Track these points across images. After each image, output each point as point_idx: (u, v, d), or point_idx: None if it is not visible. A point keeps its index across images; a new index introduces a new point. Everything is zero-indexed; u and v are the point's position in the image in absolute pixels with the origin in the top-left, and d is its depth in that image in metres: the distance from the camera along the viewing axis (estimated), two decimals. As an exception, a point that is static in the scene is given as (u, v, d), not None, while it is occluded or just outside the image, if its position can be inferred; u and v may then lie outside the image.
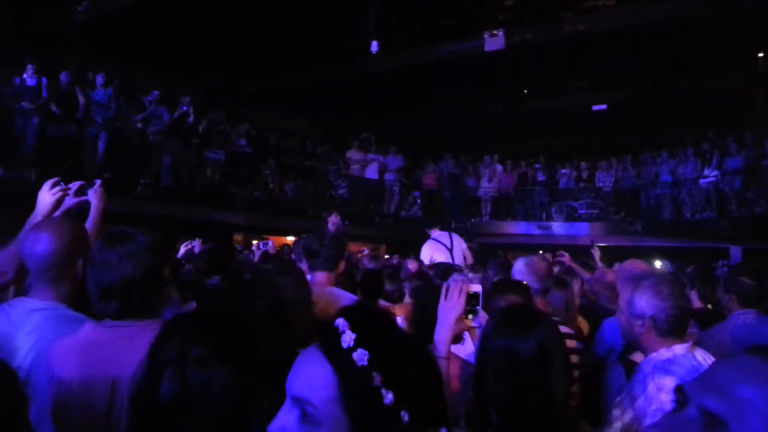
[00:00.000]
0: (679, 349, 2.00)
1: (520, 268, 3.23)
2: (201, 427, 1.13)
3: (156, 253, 1.78)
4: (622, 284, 3.26)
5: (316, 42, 12.76)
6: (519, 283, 2.80)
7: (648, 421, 1.87)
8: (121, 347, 1.66)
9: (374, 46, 12.15)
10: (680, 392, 0.85)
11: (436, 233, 6.72)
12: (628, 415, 1.93)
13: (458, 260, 6.44)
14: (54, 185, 2.39)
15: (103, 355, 1.64)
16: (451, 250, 6.46)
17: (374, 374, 0.86)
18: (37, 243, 1.93)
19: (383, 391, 0.86)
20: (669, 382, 1.88)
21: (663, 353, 1.99)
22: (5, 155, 9.24)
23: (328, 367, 0.89)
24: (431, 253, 6.43)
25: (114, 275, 1.70)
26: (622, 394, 2.06)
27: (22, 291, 2.28)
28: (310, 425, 0.89)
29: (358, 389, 0.87)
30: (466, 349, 2.44)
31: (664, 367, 1.94)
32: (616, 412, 2.00)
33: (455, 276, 4.24)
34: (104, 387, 1.60)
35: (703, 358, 2.01)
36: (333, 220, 6.79)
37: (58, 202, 2.38)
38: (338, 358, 0.89)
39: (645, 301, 2.02)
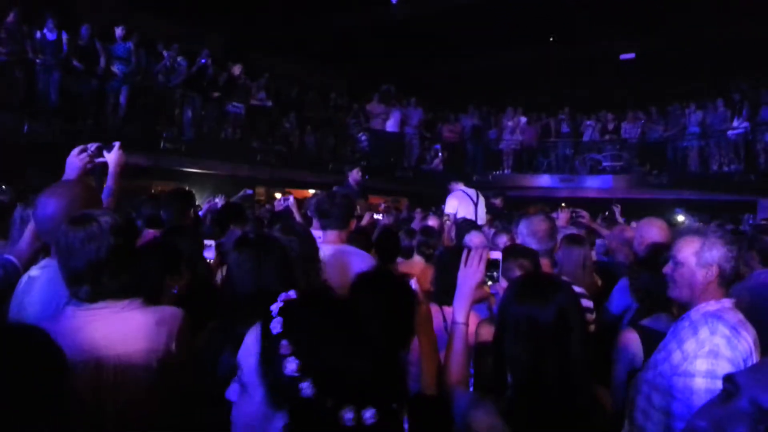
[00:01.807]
0: (727, 303, 2.09)
1: (521, 230, 3.23)
2: None
3: (121, 233, 1.75)
4: (649, 241, 3.25)
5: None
6: (527, 248, 2.81)
7: (699, 362, 1.95)
8: (98, 329, 1.68)
9: (395, -5, 11.87)
10: (731, 382, 0.84)
11: (461, 186, 6.70)
12: (677, 357, 2.00)
13: (481, 216, 6.45)
14: (81, 151, 2.47)
15: (81, 338, 1.65)
16: (476, 205, 6.46)
17: (283, 342, 0.91)
18: (47, 207, 2.01)
19: (288, 359, 0.90)
20: (722, 328, 1.96)
21: (713, 304, 2.07)
22: (29, 110, 9.34)
23: (257, 334, 0.96)
24: (456, 205, 6.42)
25: (79, 259, 1.69)
26: (663, 341, 2.13)
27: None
28: (243, 391, 0.96)
29: (268, 355, 0.92)
30: None
31: (716, 315, 2.02)
32: (659, 355, 2.08)
33: (473, 233, 4.26)
34: (86, 370, 1.62)
35: (742, 318, 2.08)
36: (354, 176, 6.82)
37: (86, 167, 2.46)
38: (264, 326, 0.95)
39: (716, 252, 2.09)
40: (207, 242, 3.25)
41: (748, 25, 13.51)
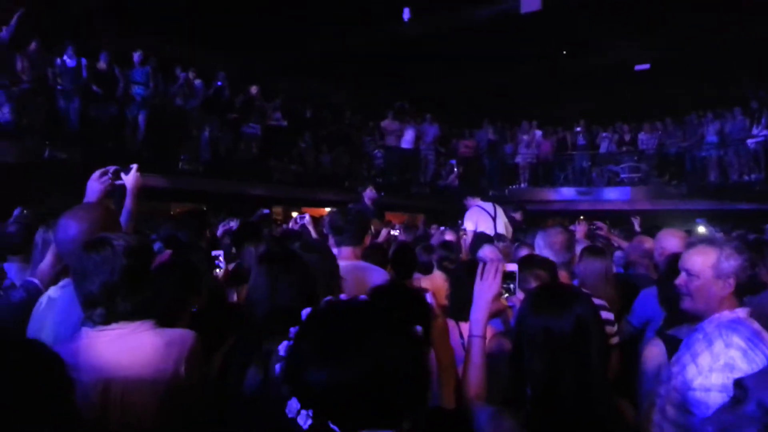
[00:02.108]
0: (742, 312, 2.05)
1: (538, 242, 3.25)
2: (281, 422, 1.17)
3: (135, 255, 1.77)
4: (686, 247, 3.20)
5: (347, 10, 12.62)
6: (544, 259, 2.78)
7: (714, 376, 1.90)
8: (110, 351, 1.70)
9: (406, 12, 11.98)
10: (740, 387, 0.82)
11: (477, 201, 6.67)
12: (691, 371, 1.95)
13: (500, 229, 6.40)
14: (102, 174, 2.51)
15: (92, 359, 1.68)
16: (494, 219, 6.42)
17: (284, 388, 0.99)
18: (67, 229, 2.04)
19: (291, 400, 0.97)
20: (737, 340, 1.91)
21: (727, 315, 2.03)
22: (51, 136, 9.54)
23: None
24: (476, 220, 6.38)
25: (93, 282, 1.72)
26: (677, 353, 2.08)
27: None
28: None
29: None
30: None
31: (731, 326, 1.97)
32: (674, 368, 2.03)
33: (486, 247, 4.24)
34: (95, 390, 1.64)
35: (759, 327, 2.02)
36: (369, 195, 6.85)
37: (106, 190, 2.51)
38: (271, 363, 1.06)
39: (733, 262, 2.06)
40: (215, 253, 3.28)
41: (763, 31, 13.39)
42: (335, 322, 1.03)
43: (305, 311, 1.07)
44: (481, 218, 6.38)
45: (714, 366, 1.91)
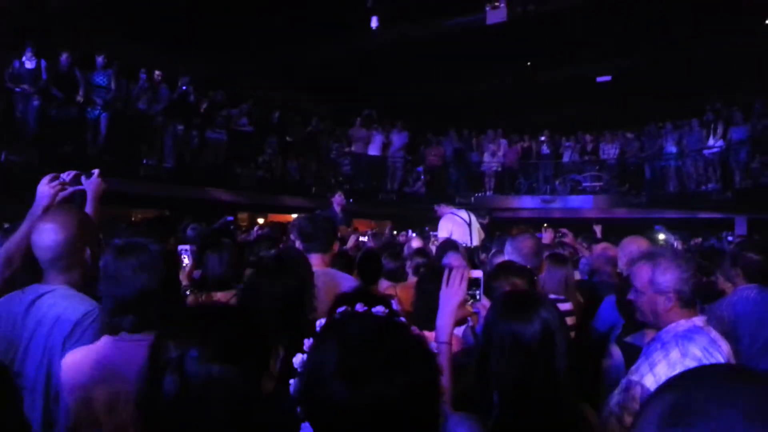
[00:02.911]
0: (698, 321, 2.06)
1: (507, 248, 3.30)
2: (206, 426, 1.14)
3: (170, 262, 1.77)
4: (631, 264, 3.27)
5: (315, 18, 12.62)
6: (522, 267, 2.80)
7: None
8: (137, 362, 1.65)
9: (374, 21, 12.03)
10: None
11: (450, 209, 6.64)
12: (649, 380, 1.96)
13: (475, 237, 6.39)
14: (52, 179, 2.42)
15: (119, 369, 1.61)
16: (470, 226, 6.40)
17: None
18: (45, 234, 1.99)
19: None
20: (693, 349, 1.94)
21: (683, 324, 2.04)
22: (7, 139, 9.24)
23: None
24: (450, 227, 6.34)
25: (129, 288, 1.68)
26: (637, 362, 2.09)
27: (26, 280, 2.31)
28: None
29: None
30: None
31: (687, 336, 1.99)
32: (632, 377, 2.04)
33: (450, 254, 4.26)
34: (124, 400, 1.57)
35: (715, 335, 2.06)
36: (337, 200, 6.83)
37: (56, 195, 2.40)
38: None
39: (669, 276, 2.06)
40: (181, 247, 3.24)
41: (719, 46, 13.89)
42: (358, 335, 0.98)
43: (320, 322, 1.04)
44: (456, 226, 6.36)
45: (670, 375, 1.92)
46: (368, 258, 4.24)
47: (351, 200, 8.06)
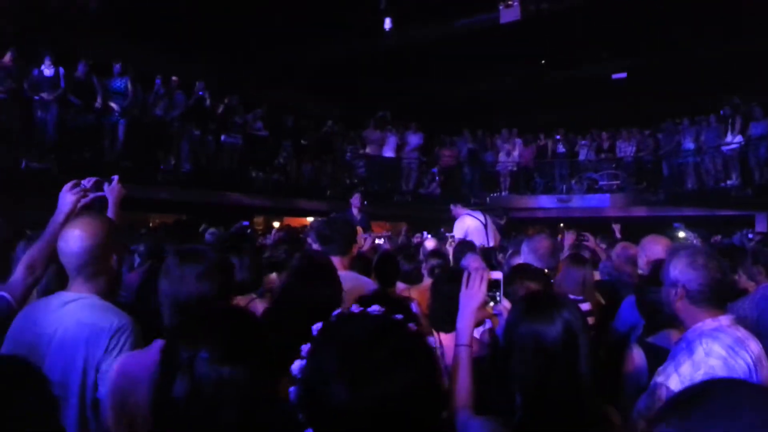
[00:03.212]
0: (725, 320, 2.03)
1: (523, 249, 3.30)
2: (217, 428, 1.14)
3: (228, 272, 1.82)
4: (653, 258, 3.24)
5: (329, 20, 12.66)
6: (537, 270, 2.79)
7: None
8: None
9: (388, 22, 12.04)
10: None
11: (465, 210, 6.60)
12: (674, 381, 1.94)
13: (491, 238, 6.34)
14: (74, 186, 2.43)
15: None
16: (486, 227, 6.36)
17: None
18: (73, 241, 2.00)
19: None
20: (718, 348, 1.91)
21: (709, 323, 2.02)
22: (27, 146, 9.38)
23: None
24: (466, 228, 6.30)
25: (192, 292, 1.74)
26: (664, 364, 2.06)
27: (52, 287, 2.34)
28: None
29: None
30: None
31: (712, 335, 1.97)
32: (658, 378, 2.02)
33: (469, 255, 4.24)
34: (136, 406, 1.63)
35: (745, 333, 2.03)
36: (354, 202, 6.82)
37: (78, 202, 2.41)
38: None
39: (678, 270, 2.05)
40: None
41: (737, 41, 13.71)
42: (357, 336, 0.98)
43: (316, 326, 1.04)
44: (472, 227, 6.32)
45: (695, 375, 1.90)
46: (385, 260, 4.22)
47: (365, 202, 8.06)
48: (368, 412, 0.90)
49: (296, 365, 1.00)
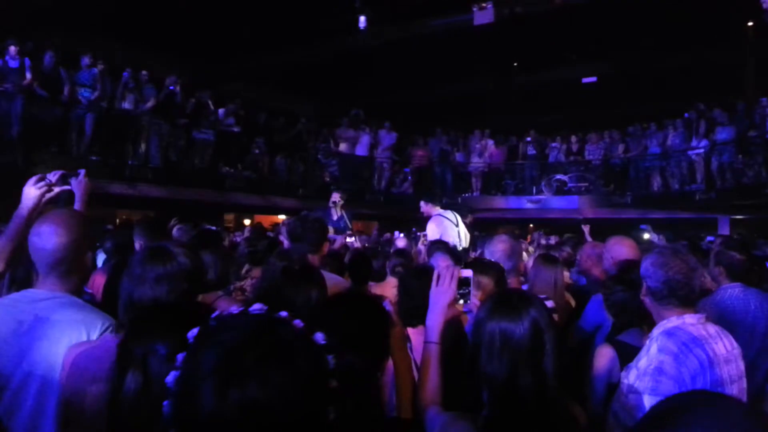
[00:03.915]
0: (690, 318, 2.08)
1: (486, 249, 3.45)
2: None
3: (193, 280, 1.75)
4: (618, 259, 3.31)
5: (304, 18, 12.59)
6: (491, 264, 2.83)
7: (647, 379, 1.95)
8: None
9: (362, 21, 12.03)
10: None
11: (437, 210, 6.57)
12: (632, 374, 2.01)
13: (464, 238, 6.34)
14: (39, 180, 2.32)
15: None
16: (457, 226, 6.35)
17: None
18: (47, 237, 1.90)
19: None
20: (671, 345, 1.98)
21: (673, 320, 2.07)
22: (-10, 139, 9.12)
23: None
24: (440, 230, 6.27)
25: (146, 293, 1.67)
26: (636, 358, 2.13)
27: (17, 284, 2.28)
28: None
29: None
30: None
31: (669, 332, 2.03)
32: (623, 373, 2.09)
33: (438, 254, 4.27)
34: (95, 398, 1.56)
35: (716, 331, 2.09)
36: (334, 199, 6.76)
37: (43, 196, 2.31)
38: None
39: (644, 268, 2.13)
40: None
41: (703, 49, 14.07)
42: (231, 338, 0.88)
43: (192, 332, 0.94)
44: (445, 227, 6.30)
45: (648, 369, 1.97)
46: (359, 259, 4.24)
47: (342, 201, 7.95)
48: (237, 418, 0.82)
49: (170, 376, 0.90)
